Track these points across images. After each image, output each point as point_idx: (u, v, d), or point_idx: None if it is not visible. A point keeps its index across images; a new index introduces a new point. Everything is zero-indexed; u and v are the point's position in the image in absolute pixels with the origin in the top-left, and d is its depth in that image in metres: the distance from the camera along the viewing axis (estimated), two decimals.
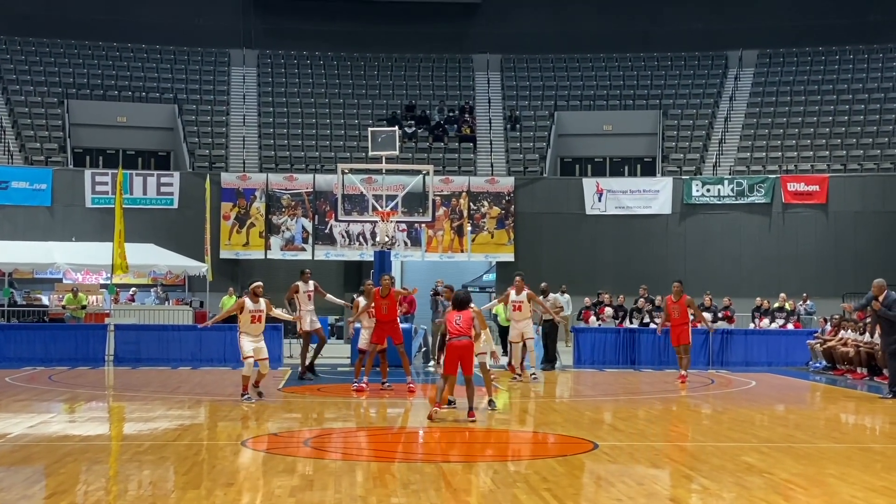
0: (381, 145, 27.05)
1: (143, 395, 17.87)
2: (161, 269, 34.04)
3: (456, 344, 14.17)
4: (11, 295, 32.26)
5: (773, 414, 17.01)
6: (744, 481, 9.94)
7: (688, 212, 38.63)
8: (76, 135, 41.21)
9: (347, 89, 45.01)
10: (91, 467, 10.68)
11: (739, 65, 45.30)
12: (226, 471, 10.38)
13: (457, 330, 14.22)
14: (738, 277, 35.77)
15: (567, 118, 43.27)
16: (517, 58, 46.55)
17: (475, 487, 9.46)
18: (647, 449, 12.08)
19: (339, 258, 38.71)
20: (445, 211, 38.35)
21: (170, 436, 13.04)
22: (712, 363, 26.41)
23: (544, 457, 11.99)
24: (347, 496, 9.00)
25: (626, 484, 9.85)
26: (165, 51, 45.70)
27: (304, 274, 21.78)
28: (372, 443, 13.07)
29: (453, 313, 14.46)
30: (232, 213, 38.10)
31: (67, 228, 35.93)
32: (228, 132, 42.43)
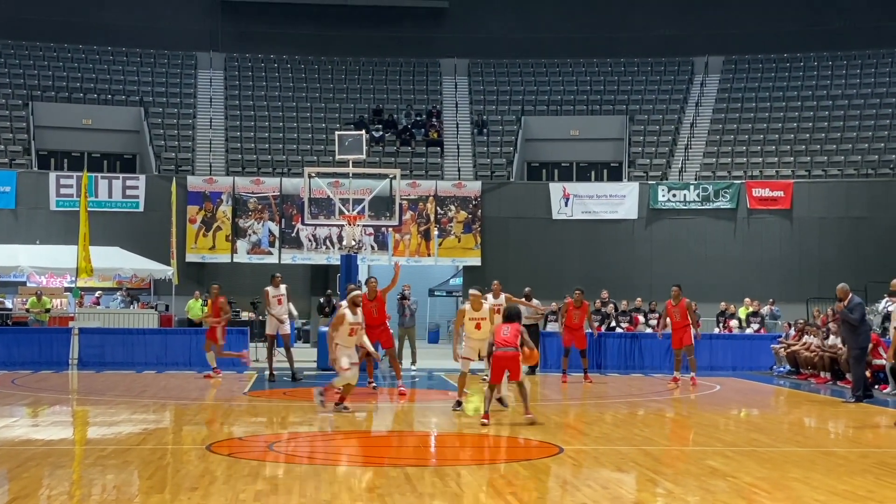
0: (348, 149, 27.03)
1: (107, 399, 17.75)
2: (126, 273, 33.82)
3: (503, 355, 14.39)
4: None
5: (738, 418, 17.12)
6: (708, 485, 9.99)
7: (654, 217, 38.82)
8: (41, 137, 40.90)
9: (315, 93, 44.94)
10: (54, 472, 10.59)
11: (705, 71, 45.59)
12: (190, 475, 10.32)
13: (504, 341, 14.38)
14: (704, 282, 35.96)
15: (534, 123, 43.38)
16: (485, 62, 46.64)
17: (440, 492, 9.45)
18: (613, 453, 12.12)
19: (306, 262, 38.62)
20: (412, 215, 38.35)
21: (134, 440, 12.95)
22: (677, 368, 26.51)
23: (510, 461, 12.01)
24: (312, 500, 8.98)
25: (591, 488, 9.87)
26: (132, 53, 45.45)
27: (274, 278, 22.02)
28: (338, 447, 13.04)
29: (502, 325, 14.61)
30: (198, 216, 37.94)
31: (32, 231, 35.64)
32: (195, 135, 42.24)
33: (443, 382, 22.81)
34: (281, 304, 21.71)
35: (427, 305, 41.53)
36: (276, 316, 21.72)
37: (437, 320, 42.10)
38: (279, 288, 21.72)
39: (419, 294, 35.81)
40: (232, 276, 37.85)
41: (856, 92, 43.59)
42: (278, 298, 21.67)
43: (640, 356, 27.39)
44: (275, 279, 21.97)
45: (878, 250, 36.45)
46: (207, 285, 37.43)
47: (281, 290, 21.71)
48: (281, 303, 21.71)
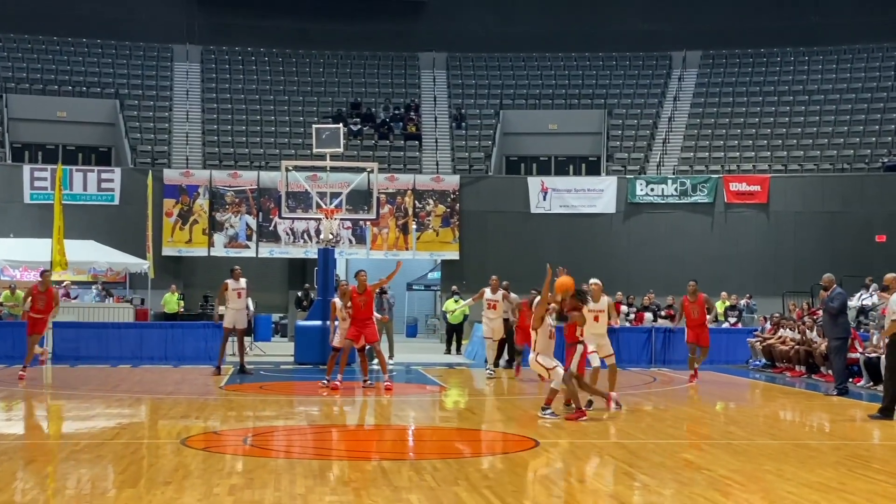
0: (326, 142, 26.93)
1: (81, 394, 17.65)
2: (101, 266, 33.62)
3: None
4: None
5: (713, 411, 17.17)
6: (683, 478, 10.01)
7: (632, 211, 38.89)
8: (14, 129, 40.62)
9: (292, 86, 44.80)
10: (27, 466, 10.52)
11: (683, 65, 45.69)
12: (164, 469, 10.27)
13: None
14: (681, 276, 35.87)
15: (512, 117, 43.39)
16: (463, 56, 46.60)
17: (416, 485, 9.43)
18: (589, 446, 12.13)
19: (284, 255, 38.53)
20: (390, 209, 38.30)
21: (108, 434, 12.88)
22: (654, 361, 26.61)
23: (486, 454, 12.00)
24: (287, 494, 8.94)
25: (567, 481, 9.87)
26: (107, 45, 45.18)
27: (234, 271, 21.74)
28: (313, 441, 13.00)
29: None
30: (175, 209, 37.77)
31: (5, 224, 35.39)
32: (171, 128, 42.06)
33: (420, 376, 22.80)
34: (241, 297, 21.39)
35: (405, 299, 41.55)
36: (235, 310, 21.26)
37: (414, 314, 42.10)
38: (239, 281, 21.40)
39: (397, 288, 35.80)
40: (209, 269, 37.69)
41: (832, 87, 43.77)
42: (238, 292, 21.35)
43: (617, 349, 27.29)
44: (234, 272, 21.64)
45: (853, 245, 36.65)
46: (184, 279, 37.53)
47: (241, 284, 21.40)
48: (241, 296, 21.39)
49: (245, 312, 21.76)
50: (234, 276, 21.55)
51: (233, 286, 21.37)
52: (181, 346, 25.94)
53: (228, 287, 21.39)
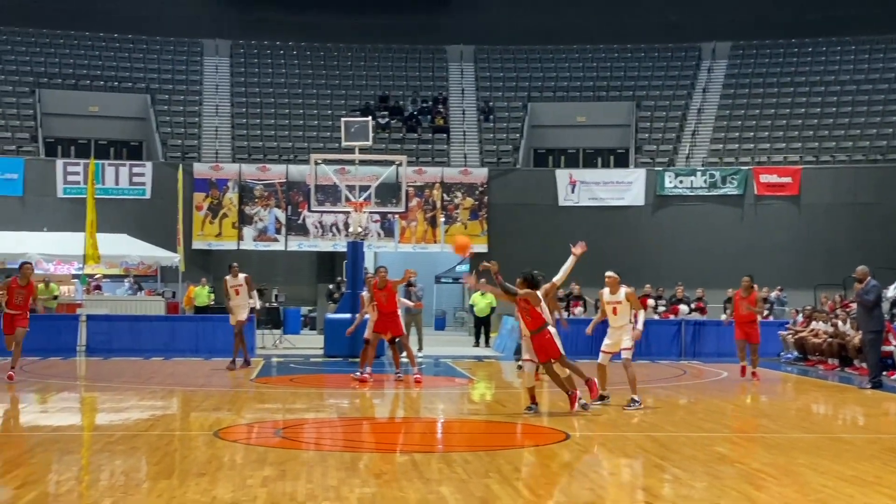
0: (354, 136, 26.98)
1: (114, 386, 17.78)
2: (133, 260, 33.84)
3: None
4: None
5: (745, 404, 17.09)
6: (715, 471, 9.98)
7: (661, 203, 38.76)
8: (48, 124, 40.94)
9: (321, 80, 44.90)
10: (62, 457, 10.60)
11: (713, 56, 45.46)
12: (198, 461, 10.33)
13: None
14: (711, 269, 35.93)
15: (540, 109, 43.32)
16: (491, 49, 46.55)
17: (447, 478, 9.45)
18: (620, 439, 12.11)
19: (313, 249, 38.63)
20: (419, 202, 38.33)
21: (142, 426, 12.97)
22: (684, 354, 26.53)
23: (517, 447, 12.00)
24: (320, 486, 8.97)
25: (598, 473, 9.86)
26: (138, 40, 45.44)
27: (231, 268, 21.49)
28: (344, 433, 13.05)
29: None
30: (205, 203, 37.95)
31: (39, 218, 35.66)
32: (201, 122, 42.26)
33: (449, 369, 22.83)
34: (238, 294, 21.04)
35: (433, 292, 41.53)
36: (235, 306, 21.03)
37: (443, 307, 42.11)
38: (237, 278, 21.08)
39: (425, 281, 35.81)
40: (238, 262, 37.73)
41: (864, 77, 43.44)
42: (235, 289, 21.07)
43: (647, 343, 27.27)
44: (232, 269, 21.37)
45: (886, 236, 36.38)
46: (214, 272, 37.68)
47: (239, 280, 21.06)
48: (238, 293, 21.04)
49: (246, 307, 21.10)
50: (231, 272, 21.26)
51: (231, 283, 21.13)
52: (212, 339, 26.03)
53: (227, 284, 21.22)
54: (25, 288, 18.19)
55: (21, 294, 18.06)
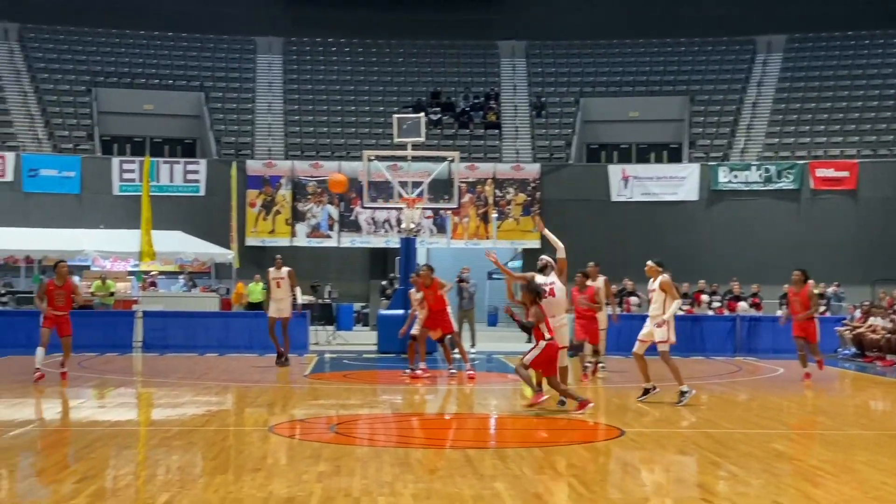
0: (407, 132, 27.01)
1: (170, 382, 17.94)
2: (188, 257, 34.14)
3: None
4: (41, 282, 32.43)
5: (802, 401, 16.89)
6: (772, 468, 9.88)
7: (715, 198, 38.45)
8: (104, 123, 41.42)
9: (373, 76, 45.00)
10: (120, 452, 10.73)
11: (768, 50, 45.00)
12: (253, 456, 10.41)
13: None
14: (766, 265, 35.56)
15: (593, 105, 43.12)
16: (543, 44, 46.40)
17: (501, 473, 9.44)
18: (675, 436, 12.04)
19: (365, 245, 38.75)
20: (471, 198, 38.30)
21: (197, 421, 13.09)
22: (740, 350, 26.31)
23: (571, 443, 11.96)
24: (374, 482, 9.00)
25: (653, 470, 9.81)
26: (192, 38, 45.82)
27: (275, 260, 21.44)
28: (398, 429, 13.08)
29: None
30: (258, 200, 38.20)
31: (95, 216, 36.09)
32: (254, 119, 42.53)
33: (502, 365, 22.79)
34: (280, 286, 20.95)
35: (486, 288, 41.48)
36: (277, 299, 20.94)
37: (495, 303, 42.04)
38: (280, 270, 21.01)
39: (478, 277, 35.80)
40: (292, 259, 37.95)
41: None
42: (277, 281, 20.98)
43: (702, 339, 27.14)
44: (276, 261, 21.38)
45: None
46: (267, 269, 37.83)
47: (281, 273, 20.98)
48: (280, 286, 20.95)
49: (289, 301, 20.96)
50: (275, 264, 21.23)
51: (273, 275, 21.08)
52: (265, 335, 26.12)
53: (270, 276, 21.18)
54: (64, 287, 17.61)
55: (61, 295, 17.49)
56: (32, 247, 32.32)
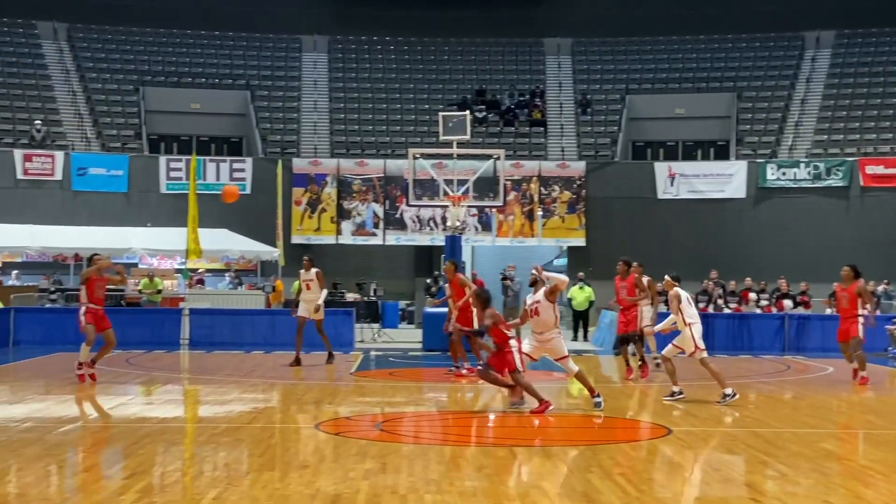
0: (452, 130, 27.00)
1: (217, 379, 18.05)
2: (234, 254, 34.36)
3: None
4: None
5: (852, 400, 16.69)
6: (822, 467, 9.78)
7: (763, 196, 38.11)
8: (151, 121, 41.75)
9: (418, 74, 45.04)
10: (168, 448, 10.81)
11: (816, 46, 44.55)
12: (300, 453, 10.45)
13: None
14: (815, 262, 35.21)
15: (639, 102, 42.90)
16: (588, 41, 46.23)
17: (549, 472, 9.41)
18: (723, 435, 11.94)
19: (410, 243, 38.78)
20: (516, 195, 38.23)
21: (244, 418, 13.15)
22: (788, 349, 26.07)
23: (618, 442, 11.91)
24: (421, 479, 9.00)
25: (701, 469, 9.73)
26: (238, 37, 46.08)
27: (304, 262, 21.23)
28: (444, 427, 13.07)
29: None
30: (304, 198, 38.34)
31: (143, 214, 36.41)
32: (300, 118, 42.71)
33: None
34: (310, 288, 20.67)
35: None
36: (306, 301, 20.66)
37: None
38: (309, 272, 20.73)
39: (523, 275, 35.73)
40: (337, 257, 38.22)
41: None
42: (307, 283, 20.72)
43: (749, 337, 26.93)
44: (305, 262, 21.11)
45: None
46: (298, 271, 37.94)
47: (310, 275, 20.69)
48: (310, 287, 20.68)
49: (316, 305, 20.65)
50: (304, 266, 21.01)
51: (303, 277, 20.86)
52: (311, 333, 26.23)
53: (301, 278, 20.98)
54: (102, 280, 17.37)
55: (101, 287, 17.28)
56: (81, 245, 32.69)
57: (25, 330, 25.81)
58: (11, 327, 25.58)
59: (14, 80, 41.47)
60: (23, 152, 37.22)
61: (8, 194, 36.22)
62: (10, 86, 41.17)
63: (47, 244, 33.02)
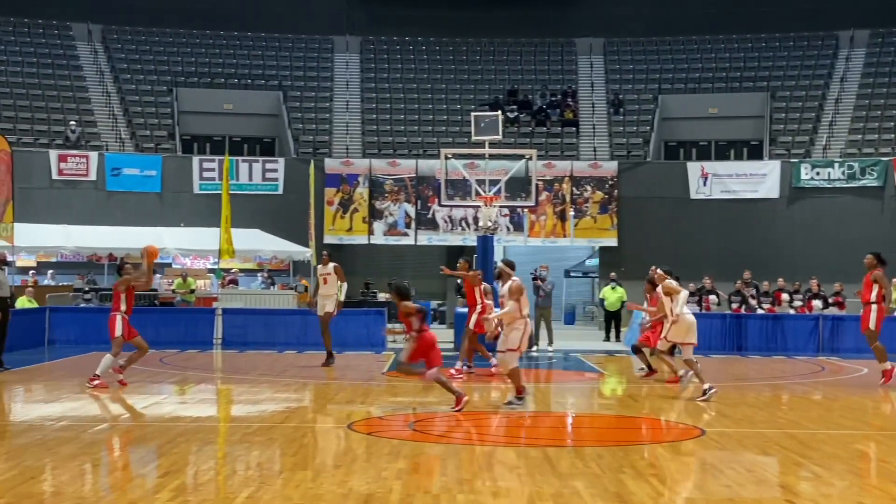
0: (484, 130, 26.97)
1: (250, 378, 18.12)
2: (266, 255, 34.49)
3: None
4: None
5: (887, 401, 16.57)
6: (856, 469, 9.73)
7: (796, 196, 37.87)
8: (184, 122, 41.99)
9: (450, 74, 45.06)
10: (202, 448, 10.87)
11: (850, 45, 44.23)
12: (333, 453, 10.48)
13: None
14: (849, 262, 34.79)
15: (671, 101, 42.74)
16: (620, 41, 46.11)
17: (581, 472, 9.39)
18: (756, 436, 11.88)
19: (442, 243, 38.80)
20: (548, 196, 38.17)
21: (277, 418, 13.21)
22: (822, 350, 25.90)
23: (651, 442, 11.87)
24: (454, 479, 9.01)
25: (734, 470, 9.69)
26: (270, 38, 46.26)
27: (322, 256, 21.22)
28: (476, 427, 13.07)
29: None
30: (336, 198, 38.44)
31: (176, 214, 36.61)
32: (332, 118, 42.82)
33: (578, 363, 22.69)
34: (327, 283, 20.63)
35: (563, 286, 41.36)
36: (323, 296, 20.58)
37: (572, 301, 41.92)
38: (327, 266, 20.66)
39: (555, 275, 35.71)
40: (369, 257, 38.35)
41: None
42: (324, 277, 20.65)
43: (783, 337, 26.76)
44: (323, 257, 21.12)
45: None
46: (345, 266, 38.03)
47: (328, 269, 20.63)
48: (327, 282, 20.62)
49: (334, 299, 20.60)
50: (322, 260, 20.96)
51: (321, 271, 20.83)
52: (343, 333, 26.22)
53: (318, 272, 20.94)
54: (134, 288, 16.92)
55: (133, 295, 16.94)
56: (115, 245, 32.94)
57: (60, 329, 26.00)
58: (46, 327, 25.78)
59: (49, 82, 41.82)
60: (58, 153, 37.52)
61: (43, 194, 36.51)
62: (46, 87, 41.52)
63: (81, 244, 33.28)
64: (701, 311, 27.62)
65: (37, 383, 17.44)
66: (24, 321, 23.71)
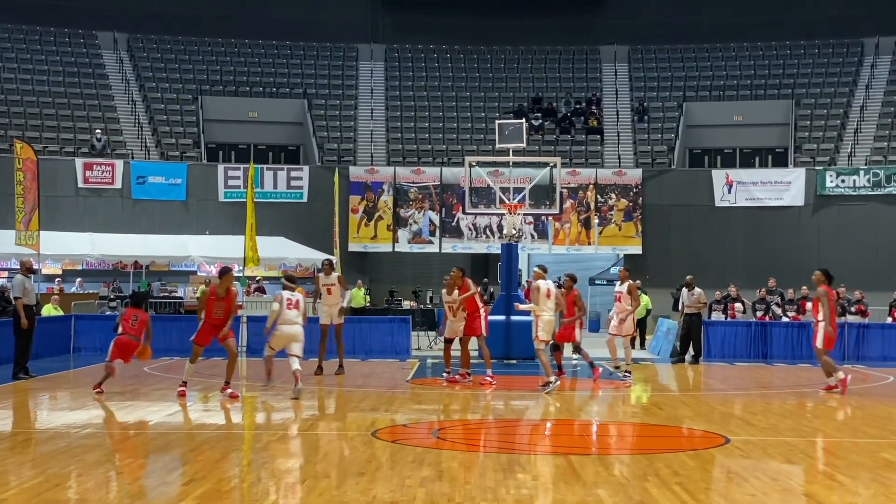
0: (508, 138, 26.99)
1: (275, 386, 18.13)
2: (291, 262, 34.57)
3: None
4: (149, 287, 33.19)
5: None
6: (882, 478, 9.67)
7: (822, 203, 37.70)
8: (209, 130, 42.19)
9: (474, 82, 45.10)
10: (226, 455, 10.91)
11: (876, 52, 44.02)
12: (356, 461, 10.50)
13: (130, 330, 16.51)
14: (875, 270, 34.75)
15: (696, 109, 42.63)
16: (645, 48, 46.05)
17: (605, 480, 9.38)
18: (781, 444, 11.83)
19: (467, 251, 38.81)
20: (572, 203, 38.14)
21: (301, 425, 13.24)
22: (847, 358, 25.74)
23: (675, 451, 11.84)
24: (478, 487, 9.02)
25: (759, 479, 9.65)
26: (295, 46, 46.43)
27: (324, 266, 20.80)
28: (500, 435, 13.07)
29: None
30: (360, 206, 38.52)
31: (201, 222, 36.77)
32: (356, 126, 42.92)
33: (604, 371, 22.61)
34: (331, 293, 20.20)
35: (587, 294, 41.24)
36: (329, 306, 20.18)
37: (597, 309, 41.79)
38: (330, 276, 20.26)
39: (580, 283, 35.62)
40: (394, 265, 38.40)
41: None
42: (328, 287, 20.22)
43: (808, 345, 26.56)
44: (324, 266, 20.62)
45: None
46: (370, 274, 38.23)
47: (332, 279, 20.24)
48: (331, 292, 20.19)
49: (339, 308, 20.27)
50: (324, 270, 20.53)
51: (323, 281, 20.33)
52: (368, 340, 26.32)
53: (319, 282, 20.45)
54: (225, 300, 16.22)
55: (220, 307, 16.19)
56: (140, 252, 33.13)
57: (86, 337, 26.10)
58: (72, 334, 25.92)
59: (75, 90, 42.09)
60: (83, 161, 37.76)
61: (69, 202, 36.76)
62: (72, 95, 41.80)
63: (107, 252, 33.43)
64: (726, 318, 27.53)
65: (62, 391, 17.55)
66: (50, 329, 23.86)
